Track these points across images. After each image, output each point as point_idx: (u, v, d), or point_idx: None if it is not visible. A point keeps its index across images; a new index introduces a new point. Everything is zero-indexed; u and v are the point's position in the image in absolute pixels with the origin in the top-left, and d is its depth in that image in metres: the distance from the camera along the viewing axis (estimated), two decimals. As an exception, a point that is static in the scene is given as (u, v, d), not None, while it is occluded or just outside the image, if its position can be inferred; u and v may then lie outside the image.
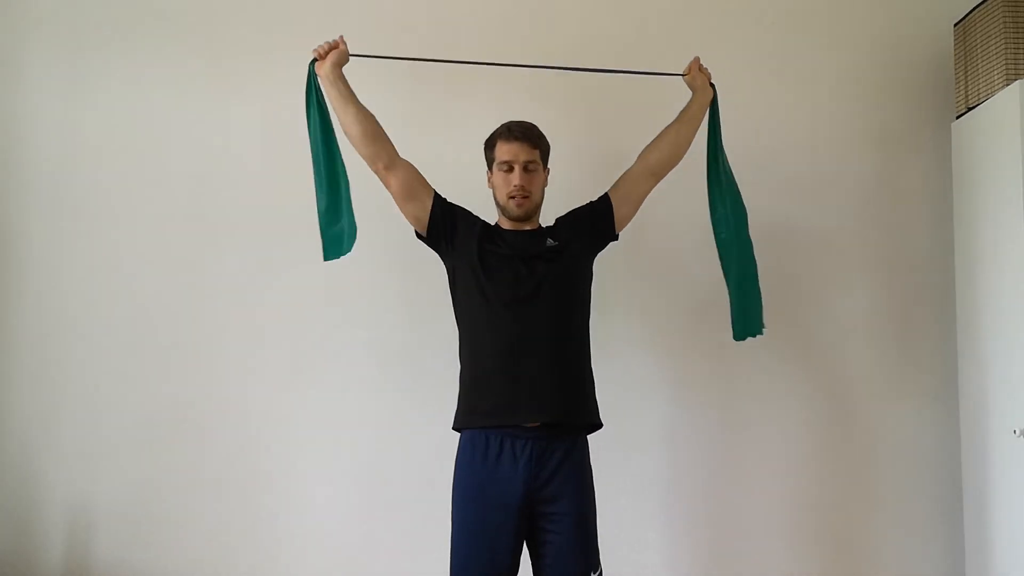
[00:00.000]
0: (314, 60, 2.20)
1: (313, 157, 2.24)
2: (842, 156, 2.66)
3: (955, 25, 2.54)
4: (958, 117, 2.54)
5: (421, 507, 2.55)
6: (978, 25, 2.41)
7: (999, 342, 2.34)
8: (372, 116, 2.17)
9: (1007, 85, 2.29)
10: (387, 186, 2.18)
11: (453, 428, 2.11)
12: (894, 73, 2.68)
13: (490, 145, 2.20)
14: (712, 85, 2.27)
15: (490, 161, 2.20)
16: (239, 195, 2.63)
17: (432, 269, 2.58)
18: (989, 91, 2.37)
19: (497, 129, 2.19)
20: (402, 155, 2.64)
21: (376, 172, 2.18)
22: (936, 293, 2.62)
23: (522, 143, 2.13)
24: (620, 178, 2.26)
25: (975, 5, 2.45)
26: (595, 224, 2.21)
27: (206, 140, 2.65)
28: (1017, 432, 2.22)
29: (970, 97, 2.47)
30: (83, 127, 2.65)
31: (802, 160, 2.66)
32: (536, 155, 2.14)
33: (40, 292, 2.61)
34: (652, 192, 2.27)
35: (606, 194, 2.25)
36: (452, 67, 2.64)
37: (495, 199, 2.19)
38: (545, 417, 2.02)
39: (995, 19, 2.33)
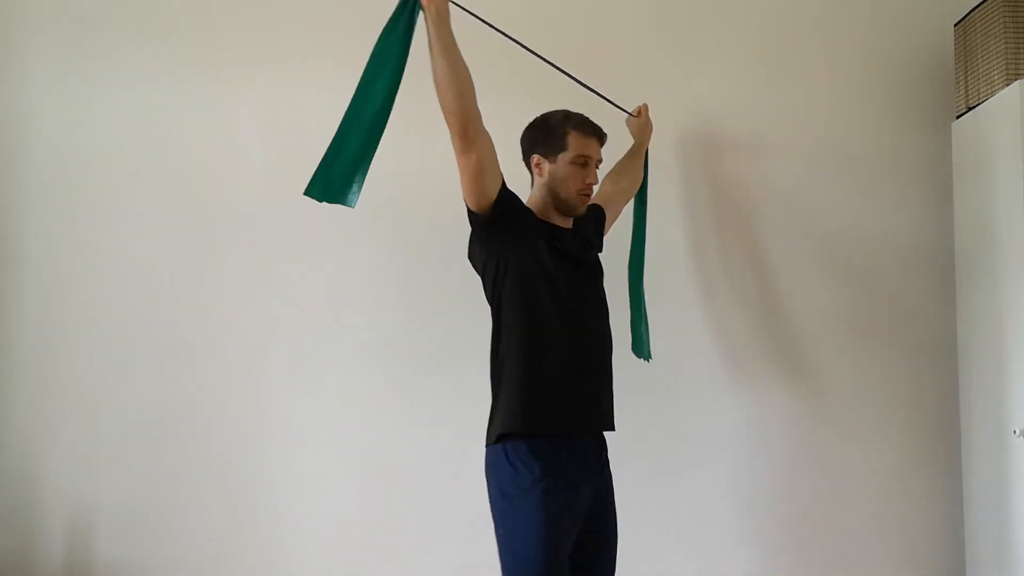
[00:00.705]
0: None
1: (368, 88, 1.87)
2: (842, 156, 2.65)
3: (955, 25, 2.54)
4: (958, 117, 2.54)
5: (423, 507, 2.55)
6: (978, 25, 2.41)
7: (999, 342, 2.34)
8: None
9: (1007, 85, 2.29)
10: (466, 154, 1.87)
11: (499, 435, 1.91)
12: (894, 73, 2.68)
13: (558, 132, 2.03)
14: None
15: (554, 148, 2.02)
16: (241, 194, 2.63)
17: (433, 267, 2.60)
18: (989, 91, 2.37)
19: (565, 116, 2.05)
20: (401, 153, 2.65)
21: (461, 136, 1.85)
22: (937, 292, 2.62)
23: (598, 140, 2.05)
24: (604, 197, 2.28)
25: (975, 5, 2.45)
26: (596, 231, 2.22)
27: (207, 139, 2.65)
28: (1017, 432, 2.22)
29: (970, 97, 2.47)
30: (84, 127, 2.65)
31: (802, 160, 2.66)
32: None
33: (41, 292, 2.61)
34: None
35: (599, 206, 2.24)
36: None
37: (552, 190, 2.04)
38: (608, 422, 2.01)
39: (995, 19, 2.33)
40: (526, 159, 2.09)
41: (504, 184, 1.95)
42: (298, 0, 2.69)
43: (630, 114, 2.40)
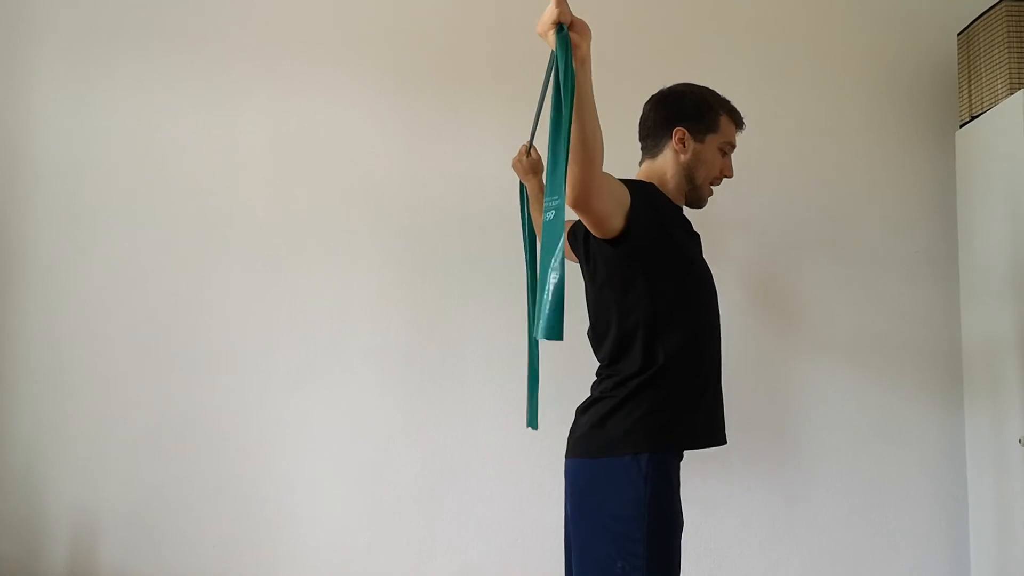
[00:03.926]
0: (562, 27, 1.40)
1: (556, 166, 1.35)
2: (846, 165, 2.66)
3: (958, 34, 2.55)
4: (962, 126, 2.54)
5: (427, 515, 2.55)
6: (981, 34, 2.42)
7: (1004, 352, 2.34)
8: None
9: (1011, 94, 2.30)
10: (582, 214, 1.59)
11: (641, 447, 1.68)
12: (898, 82, 2.68)
13: (713, 111, 1.85)
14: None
15: (706, 128, 1.83)
16: (246, 202, 2.64)
17: (438, 275, 2.60)
18: (993, 100, 2.37)
19: (718, 96, 1.88)
20: (403, 163, 2.67)
21: (575, 204, 1.53)
22: (941, 301, 2.62)
23: (739, 133, 1.92)
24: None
25: (978, 15, 2.45)
26: None
27: (213, 148, 2.66)
28: (1022, 441, 2.22)
29: (974, 106, 2.47)
30: (91, 134, 2.66)
31: (806, 169, 2.66)
32: None
33: (47, 299, 2.62)
34: None
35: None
36: (453, 74, 2.67)
37: (689, 171, 1.85)
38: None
39: (998, 29, 2.34)
40: (664, 128, 1.86)
41: (632, 197, 1.64)
42: (303, 10, 2.70)
43: (528, 153, 2.21)
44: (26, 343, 2.61)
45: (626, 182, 1.72)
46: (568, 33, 1.40)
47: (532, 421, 2.28)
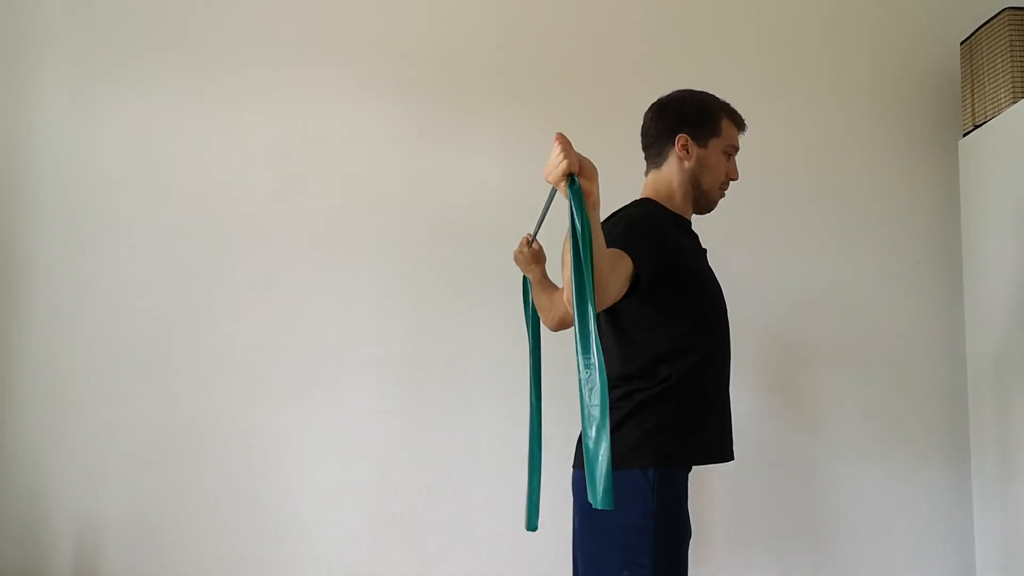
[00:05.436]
0: (574, 178, 1.31)
1: (585, 334, 1.30)
2: (849, 174, 2.66)
3: (961, 44, 2.55)
4: (965, 135, 2.55)
5: (431, 523, 2.55)
6: (984, 43, 2.43)
7: (1008, 353, 2.33)
8: None
9: (1014, 103, 2.30)
10: (604, 308, 1.62)
11: (649, 460, 1.68)
12: (901, 91, 2.69)
13: (715, 115, 1.85)
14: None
15: (708, 132, 1.83)
16: (251, 210, 2.65)
17: (442, 284, 2.61)
18: (996, 109, 2.38)
19: (718, 100, 1.87)
20: (408, 171, 2.67)
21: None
22: (945, 312, 2.61)
23: (741, 135, 1.91)
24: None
25: (981, 24, 2.46)
26: None
27: (217, 155, 2.67)
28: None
29: (977, 115, 2.47)
30: (94, 144, 2.67)
31: (809, 178, 2.67)
32: None
33: (49, 309, 2.62)
34: None
35: None
36: (459, 82, 2.68)
37: (695, 177, 1.84)
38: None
39: (1001, 38, 2.35)
40: (667, 136, 1.85)
41: (633, 258, 1.61)
42: (310, 19, 2.71)
43: (530, 245, 2.14)
44: (28, 352, 2.61)
45: (625, 228, 1.70)
46: (580, 184, 1.31)
47: (532, 523, 2.01)
